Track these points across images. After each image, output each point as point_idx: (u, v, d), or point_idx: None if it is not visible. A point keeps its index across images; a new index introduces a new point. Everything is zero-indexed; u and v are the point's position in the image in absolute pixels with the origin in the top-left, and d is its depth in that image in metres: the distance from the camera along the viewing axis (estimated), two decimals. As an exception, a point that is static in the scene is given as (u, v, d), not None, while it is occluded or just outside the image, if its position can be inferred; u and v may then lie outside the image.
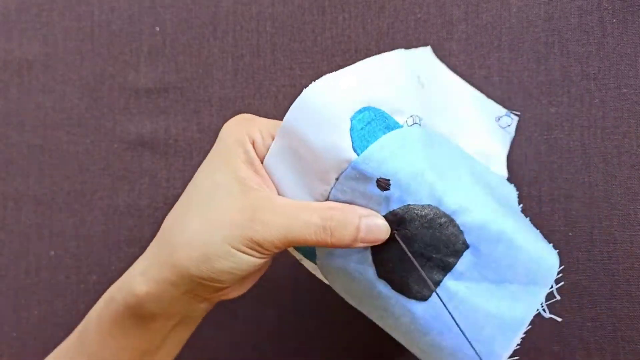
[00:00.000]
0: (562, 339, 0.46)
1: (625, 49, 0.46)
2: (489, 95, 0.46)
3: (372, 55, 0.48)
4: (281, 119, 0.53)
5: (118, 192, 0.51)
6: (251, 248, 0.34)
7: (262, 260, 0.35)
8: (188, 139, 0.50)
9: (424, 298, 0.36)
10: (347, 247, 0.35)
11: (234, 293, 0.39)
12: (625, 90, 0.46)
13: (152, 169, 0.51)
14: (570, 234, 0.46)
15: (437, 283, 0.36)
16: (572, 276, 0.46)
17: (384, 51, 0.48)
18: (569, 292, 0.46)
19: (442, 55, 0.48)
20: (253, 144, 0.37)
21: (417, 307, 0.36)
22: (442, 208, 0.35)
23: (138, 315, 0.37)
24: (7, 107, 0.52)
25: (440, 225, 0.35)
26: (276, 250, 0.35)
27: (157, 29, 0.51)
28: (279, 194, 0.37)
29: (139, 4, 0.51)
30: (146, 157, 0.51)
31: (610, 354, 0.46)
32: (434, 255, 0.36)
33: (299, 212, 0.34)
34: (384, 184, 0.34)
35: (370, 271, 0.37)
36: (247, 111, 0.50)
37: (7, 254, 0.51)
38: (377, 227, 0.35)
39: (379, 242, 0.35)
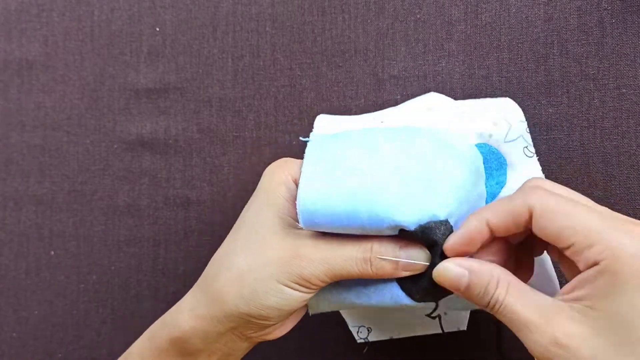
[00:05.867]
0: (561, 339, 0.46)
1: (624, 49, 0.46)
2: (488, 95, 0.46)
3: (371, 55, 0.48)
4: (280, 119, 0.53)
5: (118, 192, 0.51)
6: (298, 283, 0.36)
7: (308, 295, 0.36)
8: (188, 139, 0.50)
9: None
10: (390, 277, 0.36)
11: (276, 333, 0.40)
12: (624, 90, 0.46)
13: (152, 169, 0.51)
14: (569, 234, 0.46)
15: None
16: (572, 276, 0.46)
17: (384, 51, 0.49)
18: (568, 292, 0.46)
19: (442, 55, 0.48)
20: (296, 183, 0.38)
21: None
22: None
23: (182, 350, 0.38)
24: (7, 107, 0.52)
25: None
26: (321, 284, 0.36)
27: (157, 29, 0.51)
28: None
29: (139, 4, 0.51)
30: (146, 157, 0.51)
31: (609, 353, 0.46)
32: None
33: (340, 247, 0.36)
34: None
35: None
36: (247, 111, 0.50)
37: (7, 254, 0.51)
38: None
39: (421, 270, 0.36)
